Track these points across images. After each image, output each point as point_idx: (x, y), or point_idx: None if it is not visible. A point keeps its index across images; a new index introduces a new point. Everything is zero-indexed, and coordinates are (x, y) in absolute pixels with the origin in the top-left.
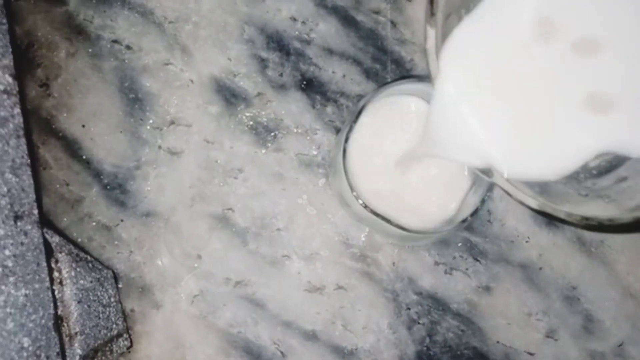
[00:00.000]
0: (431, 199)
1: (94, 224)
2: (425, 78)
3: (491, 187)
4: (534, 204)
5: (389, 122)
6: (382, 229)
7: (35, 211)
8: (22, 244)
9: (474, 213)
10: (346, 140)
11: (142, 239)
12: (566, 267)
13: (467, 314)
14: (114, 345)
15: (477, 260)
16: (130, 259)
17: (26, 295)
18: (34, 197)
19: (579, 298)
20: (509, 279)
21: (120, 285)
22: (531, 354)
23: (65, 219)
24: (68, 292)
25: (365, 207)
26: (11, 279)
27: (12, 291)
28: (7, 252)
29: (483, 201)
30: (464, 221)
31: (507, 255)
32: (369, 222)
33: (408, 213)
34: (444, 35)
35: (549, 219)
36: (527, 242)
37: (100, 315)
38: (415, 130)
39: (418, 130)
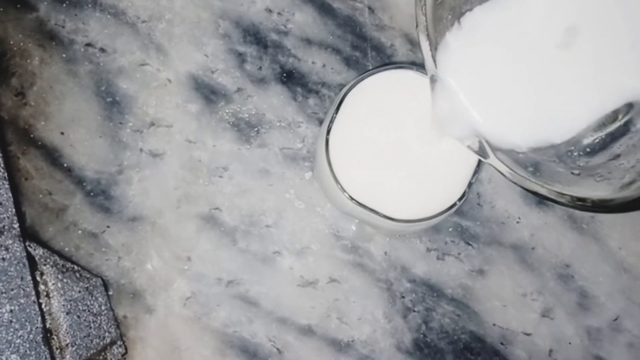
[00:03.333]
0: (422, 187)
1: (80, 232)
2: (407, 65)
3: (478, 170)
4: (528, 184)
5: (372, 109)
6: (370, 221)
7: (16, 225)
8: (3, 259)
9: (462, 197)
10: (328, 132)
11: (130, 244)
12: (559, 245)
13: (462, 298)
14: (108, 354)
15: (469, 244)
16: (119, 265)
17: (11, 311)
18: (14, 210)
19: (573, 275)
20: (502, 260)
21: (110, 293)
22: (528, 334)
23: (50, 229)
24: (56, 304)
25: (351, 199)
26: None
27: None
28: None
29: (470, 184)
30: (452, 206)
31: (499, 237)
32: (356, 214)
33: (396, 203)
34: (435, 20)
35: (541, 199)
36: (518, 222)
37: (92, 325)
38: (404, 111)
39: (407, 110)
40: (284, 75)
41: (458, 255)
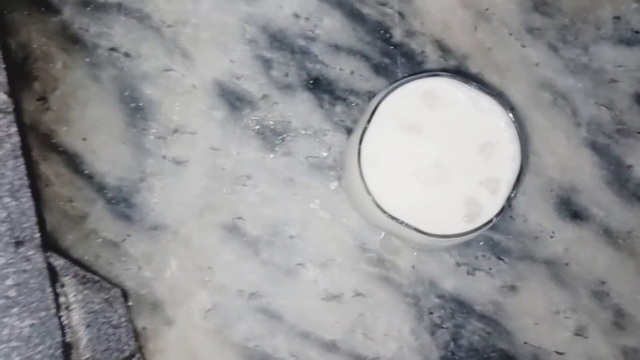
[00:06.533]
0: (458, 201)
1: (100, 240)
2: (442, 73)
3: (517, 185)
4: None
5: (406, 118)
6: (400, 234)
7: (37, 235)
8: (24, 271)
9: (500, 213)
10: (360, 142)
11: (151, 254)
12: (593, 261)
13: (493, 315)
14: None
15: (501, 259)
16: (140, 275)
17: (32, 325)
18: (35, 219)
19: (608, 293)
20: (534, 276)
21: (130, 303)
22: (560, 354)
23: (69, 237)
24: (76, 317)
25: (384, 212)
26: (15, 309)
27: (17, 323)
28: (9, 282)
29: (509, 200)
30: (488, 222)
31: (531, 252)
32: (386, 226)
33: (429, 217)
34: None
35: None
36: (551, 237)
37: (111, 338)
38: (439, 121)
39: (443, 120)
40: (311, 82)
41: (489, 270)
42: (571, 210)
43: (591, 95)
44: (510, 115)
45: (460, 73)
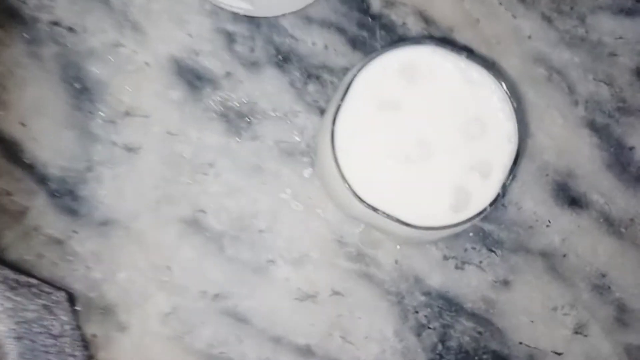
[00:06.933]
0: (445, 189)
1: (43, 238)
2: (426, 41)
3: (513, 169)
4: None
5: (385, 95)
6: (380, 226)
7: None
8: None
9: (494, 202)
10: (333, 122)
11: (101, 252)
12: (593, 252)
13: (484, 313)
14: None
15: (492, 251)
16: (88, 276)
17: None
18: None
19: (610, 286)
20: (529, 270)
21: (78, 308)
22: (559, 354)
23: (8, 235)
24: (2, 329)
25: (362, 201)
26: None
27: None
28: None
29: (504, 187)
30: (481, 212)
31: (526, 243)
32: (365, 218)
33: (414, 207)
34: None
35: None
36: (547, 226)
37: (50, 349)
38: (425, 97)
39: (429, 95)
40: (280, 57)
41: (479, 263)
42: (569, 196)
43: (589, 70)
44: (505, 88)
45: (445, 42)
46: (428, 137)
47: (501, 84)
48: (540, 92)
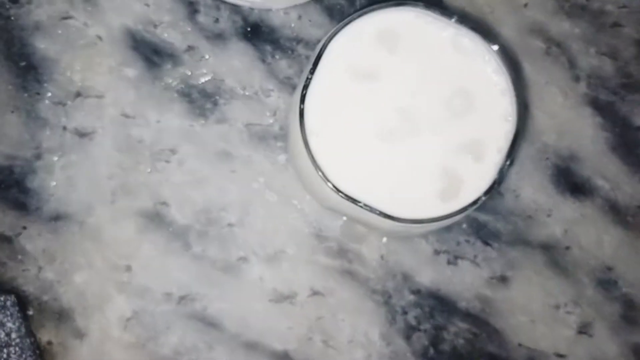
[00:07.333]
0: (433, 175)
1: None
2: (409, 1)
3: (512, 151)
4: None
5: (362, 67)
6: (362, 219)
7: None
8: None
9: (490, 190)
10: (302, 100)
11: (53, 250)
12: (598, 243)
13: (480, 313)
14: None
15: (488, 244)
16: (40, 277)
17: None
18: None
19: (617, 281)
20: (529, 264)
21: (30, 313)
22: (562, 356)
23: None
24: None
25: (338, 191)
26: None
27: None
28: None
29: (501, 172)
30: (475, 202)
31: (525, 235)
32: (344, 210)
33: (398, 197)
34: None
35: None
36: (548, 216)
37: None
38: (407, 69)
39: (412, 67)
40: (249, 29)
41: (474, 258)
42: (571, 182)
43: (591, 42)
44: (501, 59)
45: (431, 5)
46: (411, 111)
47: (497, 54)
48: (537, 67)
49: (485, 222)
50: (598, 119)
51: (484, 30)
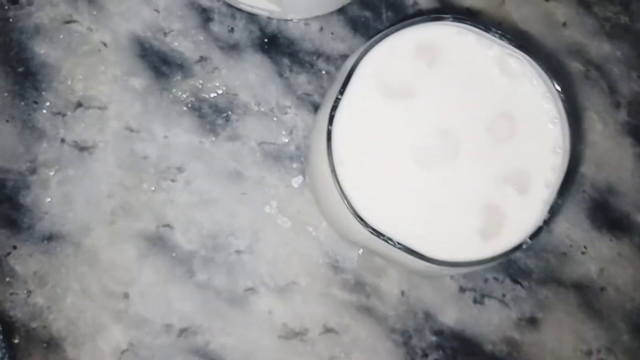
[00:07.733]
0: (471, 208)
1: None
2: (446, 17)
3: (565, 187)
4: None
5: (396, 87)
6: (390, 256)
7: None
8: None
9: (538, 232)
10: (330, 122)
11: (45, 273)
12: (636, 285)
13: (507, 357)
14: None
15: (518, 283)
16: (29, 302)
17: None
18: None
19: None
20: (560, 305)
21: (16, 341)
22: None
23: None
24: None
25: (366, 225)
26: None
27: None
28: None
29: (552, 211)
30: (519, 246)
31: (557, 273)
32: (368, 245)
33: (433, 231)
34: None
35: None
36: (583, 253)
37: None
38: (448, 91)
39: (454, 88)
40: (266, 40)
41: (502, 297)
42: (608, 218)
43: (633, 66)
44: (555, 84)
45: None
46: (451, 132)
47: (550, 79)
48: (575, 92)
49: (515, 258)
50: (639, 149)
51: (533, 52)
